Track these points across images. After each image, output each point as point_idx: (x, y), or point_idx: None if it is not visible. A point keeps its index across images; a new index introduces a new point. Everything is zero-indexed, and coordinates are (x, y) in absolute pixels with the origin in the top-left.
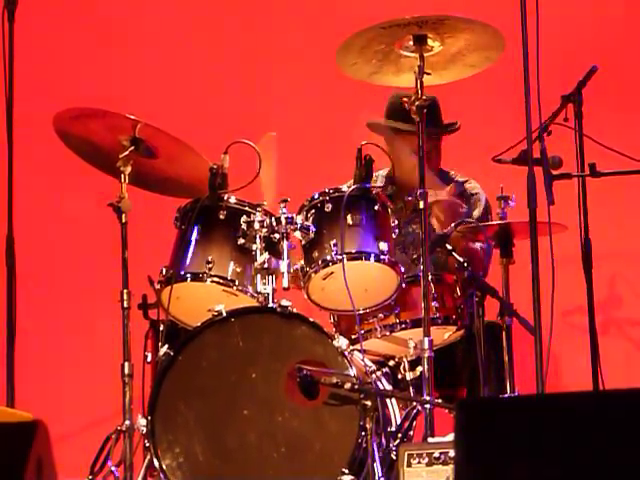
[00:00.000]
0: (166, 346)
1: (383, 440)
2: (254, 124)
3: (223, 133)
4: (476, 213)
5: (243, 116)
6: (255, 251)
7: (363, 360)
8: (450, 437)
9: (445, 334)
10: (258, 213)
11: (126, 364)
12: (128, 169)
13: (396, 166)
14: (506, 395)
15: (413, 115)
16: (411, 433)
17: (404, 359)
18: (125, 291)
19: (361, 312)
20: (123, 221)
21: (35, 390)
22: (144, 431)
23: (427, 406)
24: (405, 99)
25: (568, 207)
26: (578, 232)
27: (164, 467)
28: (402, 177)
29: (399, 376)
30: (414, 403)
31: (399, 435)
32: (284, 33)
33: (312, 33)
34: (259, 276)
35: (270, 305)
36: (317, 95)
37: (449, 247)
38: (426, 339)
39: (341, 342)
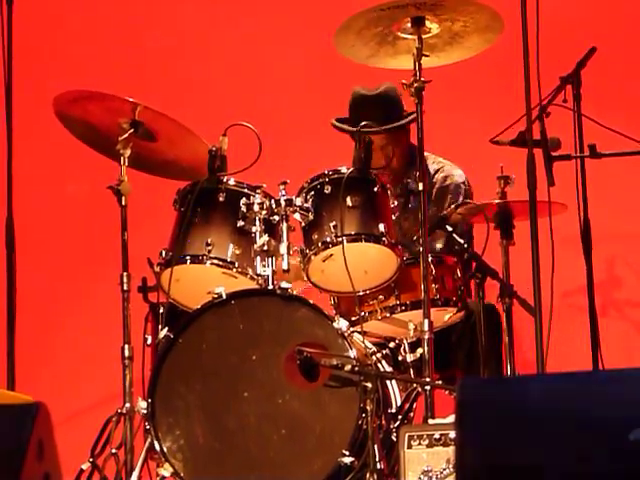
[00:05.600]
0: (166, 329)
1: (383, 422)
2: (253, 106)
3: (222, 115)
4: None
5: (242, 98)
6: (255, 233)
7: (363, 342)
8: (450, 419)
9: (445, 316)
10: (257, 195)
11: (126, 347)
12: (128, 152)
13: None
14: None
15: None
16: (411, 415)
17: (404, 341)
18: (125, 274)
19: (361, 294)
20: (123, 204)
21: (35, 373)
22: (144, 414)
23: (427, 388)
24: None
25: (568, 188)
26: (577, 213)
27: (165, 449)
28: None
29: (399, 358)
30: (414, 385)
31: (399, 417)
32: (283, 15)
33: (311, 15)
34: (259, 258)
35: (270, 287)
36: (317, 77)
37: (449, 229)
38: (426, 321)
39: (341, 324)
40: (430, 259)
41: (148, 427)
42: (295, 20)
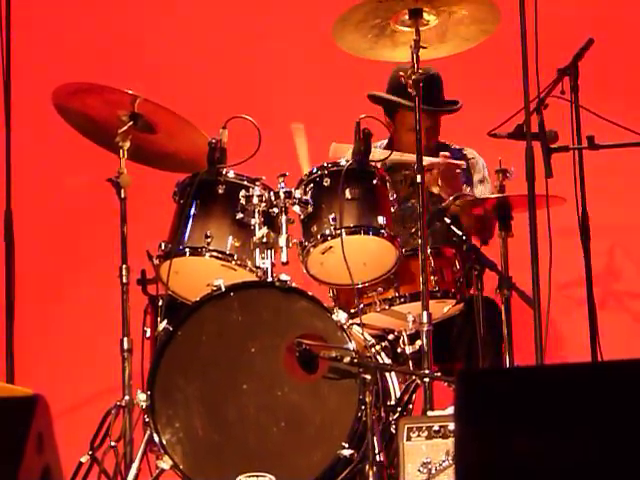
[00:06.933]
0: (165, 321)
1: (382, 414)
2: (253, 99)
3: (222, 108)
4: (477, 177)
5: (242, 91)
6: (254, 225)
7: (362, 334)
8: (449, 410)
9: (444, 308)
10: (257, 187)
11: (125, 339)
12: (127, 144)
13: (395, 140)
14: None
15: (410, 89)
16: (410, 407)
17: (403, 333)
18: (124, 266)
19: (360, 286)
20: (122, 196)
21: (34, 366)
22: (144, 406)
23: (426, 379)
24: (402, 73)
25: (566, 180)
26: (576, 205)
27: (164, 442)
28: (401, 151)
29: (398, 350)
30: (413, 377)
31: (398, 409)
32: (282, 7)
33: (310, 7)
34: (258, 250)
35: (269, 279)
36: (316, 70)
37: (447, 220)
38: (425, 313)
39: (340, 316)
40: (429, 251)
41: (147, 420)
42: (294, 12)
